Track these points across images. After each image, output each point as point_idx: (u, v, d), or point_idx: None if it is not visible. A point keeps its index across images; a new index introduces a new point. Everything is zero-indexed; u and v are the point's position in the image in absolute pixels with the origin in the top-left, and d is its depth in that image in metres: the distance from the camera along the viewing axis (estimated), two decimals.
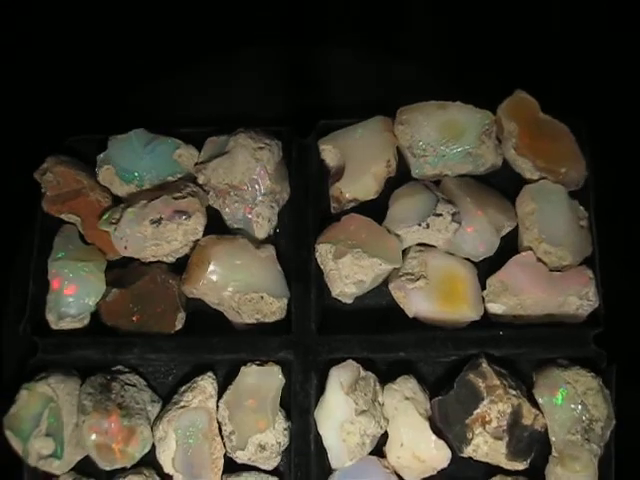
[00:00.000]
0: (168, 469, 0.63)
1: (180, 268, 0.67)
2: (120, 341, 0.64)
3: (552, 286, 0.64)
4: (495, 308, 0.65)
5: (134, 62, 0.71)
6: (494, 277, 0.65)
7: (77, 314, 0.65)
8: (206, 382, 0.64)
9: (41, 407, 0.63)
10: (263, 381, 0.63)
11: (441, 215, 0.63)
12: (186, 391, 0.64)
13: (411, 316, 0.65)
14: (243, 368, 0.64)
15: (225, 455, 0.64)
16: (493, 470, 0.62)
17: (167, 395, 0.66)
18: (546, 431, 0.62)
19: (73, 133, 0.72)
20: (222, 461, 0.63)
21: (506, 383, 0.60)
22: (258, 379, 0.63)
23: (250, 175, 0.67)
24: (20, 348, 0.67)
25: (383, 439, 0.63)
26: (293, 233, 0.66)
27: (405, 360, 0.64)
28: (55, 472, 0.63)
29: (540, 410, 0.62)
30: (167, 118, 0.72)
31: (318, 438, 0.61)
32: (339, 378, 0.61)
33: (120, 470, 0.64)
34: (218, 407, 0.64)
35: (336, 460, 0.61)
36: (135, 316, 0.66)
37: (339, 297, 0.65)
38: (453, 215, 0.63)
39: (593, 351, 0.63)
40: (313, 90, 0.72)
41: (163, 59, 0.71)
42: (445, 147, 0.67)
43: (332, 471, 0.62)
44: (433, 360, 0.64)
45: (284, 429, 0.63)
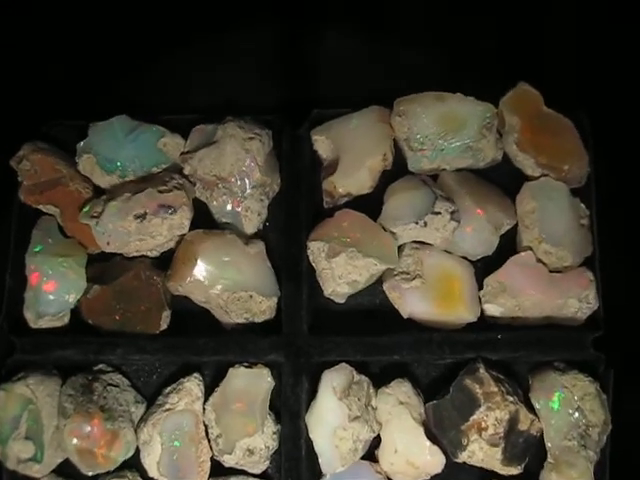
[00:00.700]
0: (153, 473, 0.61)
1: (164, 263, 0.64)
2: (102, 341, 0.61)
3: (552, 288, 0.62)
4: (492, 309, 0.63)
5: (116, 44, 0.66)
6: (492, 277, 0.63)
7: (57, 312, 0.62)
8: (192, 384, 0.62)
9: (20, 409, 0.61)
10: (252, 384, 0.61)
11: (439, 213, 0.61)
12: (171, 393, 0.62)
13: (405, 317, 0.63)
14: (231, 370, 0.61)
15: (212, 458, 0.61)
16: (487, 475, 0.61)
17: (152, 395, 0.64)
18: (541, 435, 0.60)
19: (51, 118, 0.68)
20: (209, 464, 0.62)
21: (504, 389, 0.59)
22: (247, 382, 0.61)
23: (239, 167, 0.64)
24: None
25: (375, 442, 0.61)
26: (284, 229, 0.63)
27: (399, 362, 0.62)
28: (35, 475, 0.61)
29: (536, 414, 0.60)
30: (151, 104, 0.68)
31: (309, 442, 0.59)
32: (332, 382, 0.59)
33: (103, 473, 0.61)
34: (205, 409, 0.61)
35: (327, 466, 0.59)
36: (118, 314, 0.63)
37: (331, 296, 0.63)
38: (452, 213, 0.61)
39: (591, 355, 0.61)
40: (306, 77, 0.68)
41: (147, 41, 0.67)
42: (444, 141, 0.64)
43: (322, 475, 0.60)
44: (428, 362, 0.62)
45: (273, 433, 0.61)
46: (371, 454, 0.61)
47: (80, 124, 0.67)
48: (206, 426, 0.61)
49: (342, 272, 0.60)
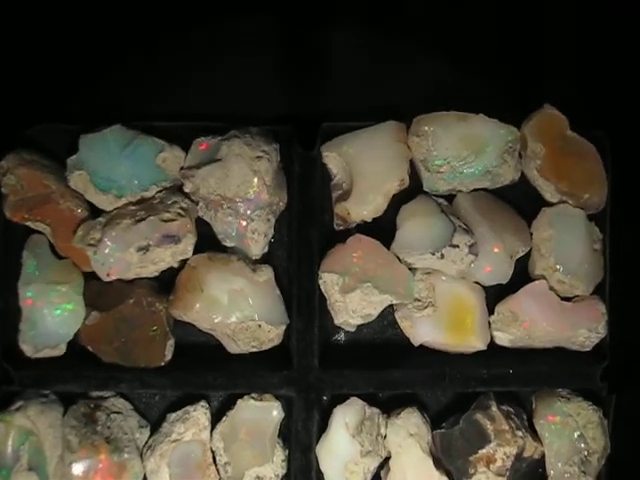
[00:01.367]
0: None
1: (163, 282, 0.61)
2: (105, 376, 0.59)
3: (563, 319, 0.61)
4: (502, 337, 0.63)
5: (110, 42, 0.59)
6: (504, 305, 0.62)
7: (55, 344, 0.59)
8: (199, 413, 0.61)
9: (20, 441, 0.59)
10: (261, 416, 0.60)
11: (457, 247, 0.59)
12: (178, 421, 0.61)
13: (416, 345, 0.62)
14: (240, 402, 0.60)
15: None
16: None
17: (155, 418, 0.63)
18: (542, 457, 0.62)
19: (36, 122, 0.61)
20: None
21: (514, 425, 0.59)
22: (256, 414, 0.60)
23: (246, 188, 0.59)
24: None
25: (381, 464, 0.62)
26: (295, 259, 0.60)
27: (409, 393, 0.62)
28: None
29: (539, 438, 0.61)
30: (147, 109, 0.62)
31: (319, 474, 0.59)
32: (344, 418, 0.58)
33: None
34: (212, 436, 0.61)
35: None
36: (119, 343, 0.60)
37: (342, 325, 0.61)
38: (470, 247, 0.59)
39: (596, 386, 0.62)
40: (312, 85, 0.63)
41: (145, 42, 0.60)
42: (464, 163, 0.61)
43: None
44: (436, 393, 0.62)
45: (282, 460, 0.61)
46: (376, 474, 0.62)
47: (69, 128, 0.61)
48: (213, 452, 0.61)
49: (356, 307, 0.59)
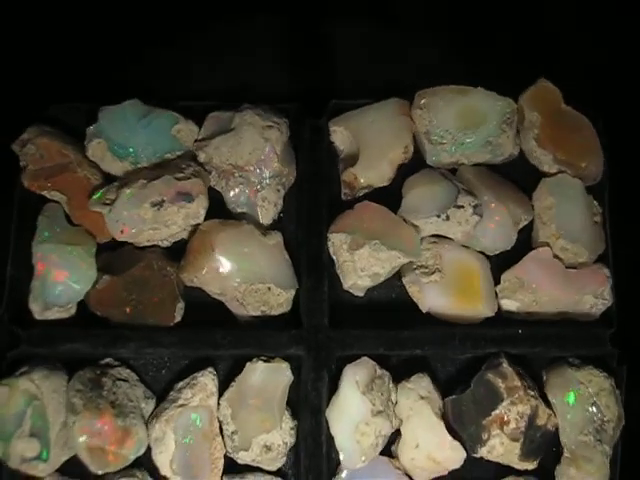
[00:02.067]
0: (165, 471, 0.58)
1: (175, 253, 0.62)
2: (114, 334, 0.59)
3: (568, 284, 0.62)
4: (509, 305, 0.63)
5: (128, 26, 0.64)
6: (510, 272, 0.63)
7: (65, 303, 0.59)
8: (207, 379, 0.60)
9: (24, 405, 0.57)
10: (270, 378, 0.59)
11: (462, 207, 0.61)
12: (184, 388, 0.60)
13: (424, 311, 0.62)
14: (249, 364, 0.59)
15: (225, 455, 0.59)
16: (503, 470, 0.61)
17: (161, 390, 0.62)
18: (556, 430, 0.60)
19: (56, 101, 0.65)
20: (222, 461, 0.60)
21: (526, 384, 0.59)
22: (265, 376, 0.59)
23: (258, 156, 0.62)
24: None
25: (390, 437, 0.60)
26: (305, 220, 0.61)
27: (417, 357, 0.61)
28: (39, 475, 0.58)
29: (552, 409, 0.60)
30: (162, 89, 0.66)
31: (329, 439, 0.58)
32: (355, 376, 0.58)
33: (111, 472, 0.59)
34: (219, 405, 0.59)
35: (348, 461, 0.58)
36: (129, 306, 0.60)
37: (351, 289, 0.62)
38: (475, 207, 0.61)
39: (608, 350, 0.62)
40: (321, 65, 0.67)
41: (160, 24, 0.64)
42: (464, 135, 0.64)
43: (338, 471, 0.59)
44: (445, 357, 0.62)
45: (291, 428, 0.59)
46: (386, 449, 0.60)
47: (88, 107, 0.64)
48: (220, 422, 0.59)
49: (365, 265, 0.60)
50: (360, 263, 0.60)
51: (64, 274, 0.59)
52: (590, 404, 0.60)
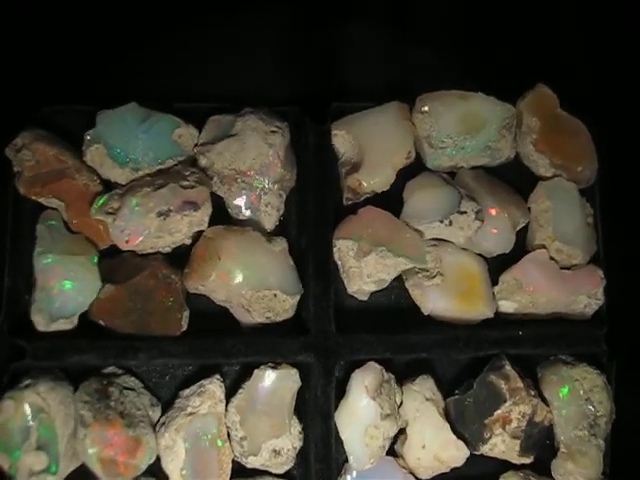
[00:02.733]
0: (175, 478, 0.59)
1: (175, 259, 0.62)
2: (123, 345, 0.58)
3: (564, 285, 0.64)
4: (507, 306, 0.65)
5: (125, 26, 0.62)
6: (508, 274, 0.65)
7: (70, 314, 0.58)
8: (214, 386, 0.60)
9: (30, 418, 0.57)
10: (279, 385, 0.60)
11: (465, 213, 0.62)
12: (192, 395, 0.60)
13: (426, 314, 0.63)
14: (257, 371, 0.60)
15: (233, 459, 0.60)
16: (501, 465, 0.63)
17: (166, 396, 0.62)
18: (551, 425, 0.63)
19: (49, 103, 0.63)
20: (230, 466, 0.60)
21: (527, 384, 0.61)
22: (274, 383, 0.60)
23: (261, 161, 0.62)
24: None
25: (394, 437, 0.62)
26: (311, 225, 0.62)
27: (420, 359, 0.63)
28: None
29: (548, 406, 0.63)
30: (159, 91, 0.64)
31: (339, 442, 0.59)
32: (364, 381, 0.59)
33: None
34: (227, 411, 0.60)
35: (357, 464, 0.59)
36: (134, 315, 0.60)
37: (355, 294, 0.63)
38: (477, 213, 0.62)
39: (602, 349, 0.64)
40: (321, 68, 0.67)
41: (159, 25, 0.63)
42: (465, 139, 0.64)
43: (344, 472, 0.61)
44: (449, 359, 0.63)
45: (299, 432, 0.60)
46: (390, 449, 0.62)
47: (84, 109, 0.62)
48: (228, 428, 0.60)
49: (372, 271, 0.60)
50: (367, 269, 0.60)
51: (69, 284, 0.58)
52: (584, 400, 0.63)
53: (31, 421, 0.57)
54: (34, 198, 0.60)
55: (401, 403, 0.61)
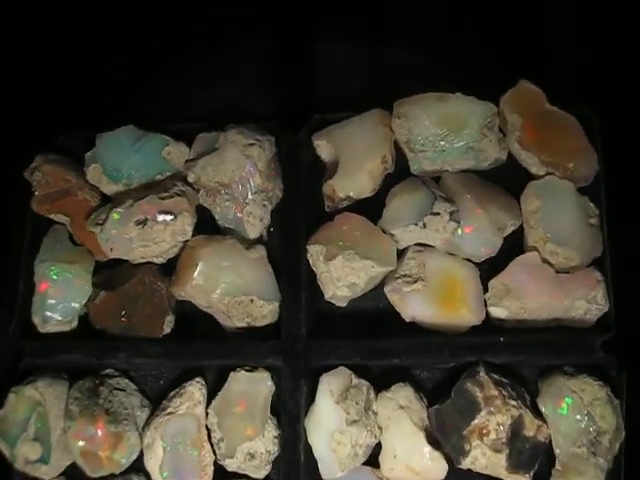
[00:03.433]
0: (155, 477, 0.61)
1: (171, 269, 0.65)
2: (106, 345, 0.62)
3: (558, 289, 0.60)
4: (498, 312, 0.61)
5: (122, 58, 0.68)
6: (496, 279, 0.62)
7: (62, 317, 0.64)
8: (194, 388, 0.62)
9: (28, 411, 0.62)
10: (252, 387, 0.61)
11: (438, 214, 0.60)
12: (174, 397, 0.62)
13: (408, 320, 0.62)
14: (232, 374, 0.62)
15: (215, 462, 0.62)
16: None
17: (158, 400, 0.64)
18: (550, 442, 0.58)
19: (64, 131, 0.70)
20: (212, 469, 0.62)
21: (505, 393, 0.57)
22: (247, 385, 0.61)
23: (240, 173, 0.64)
24: (9, 351, 0.65)
25: (378, 448, 0.60)
26: (284, 233, 0.63)
27: (401, 367, 0.61)
28: (43, 477, 0.62)
29: (544, 420, 0.58)
30: (157, 114, 0.70)
31: (308, 448, 0.59)
32: (329, 386, 0.58)
33: (109, 476, 0.62)
34: (207, 413, 0.62)
35: (327, 471, 0.58)
36: (123, 319, 0.64)
37: (332, 300, 0.63)
38: (451, 214, 0.60)
39: (601, 358, 0.59)
40: (305, 82, 0.69)
41: (152, 55, 0.69)
42: (445, 142, 0.63)
43: None
44: (431, 367, 0.61)
45: (274, 437, 0.60)
46: (374, 460, 0.60)
47: (90, 135, 0.69)
48: (209, 430, 0.62)
49: (340, 275, 0.60)
50: (335, 273, 0.60)
51: (60, 290, 0.63)
52: (583, 414, 0.58)
53: (29, 414, 0.62)
54: (45, 214, 0.67)
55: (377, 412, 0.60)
